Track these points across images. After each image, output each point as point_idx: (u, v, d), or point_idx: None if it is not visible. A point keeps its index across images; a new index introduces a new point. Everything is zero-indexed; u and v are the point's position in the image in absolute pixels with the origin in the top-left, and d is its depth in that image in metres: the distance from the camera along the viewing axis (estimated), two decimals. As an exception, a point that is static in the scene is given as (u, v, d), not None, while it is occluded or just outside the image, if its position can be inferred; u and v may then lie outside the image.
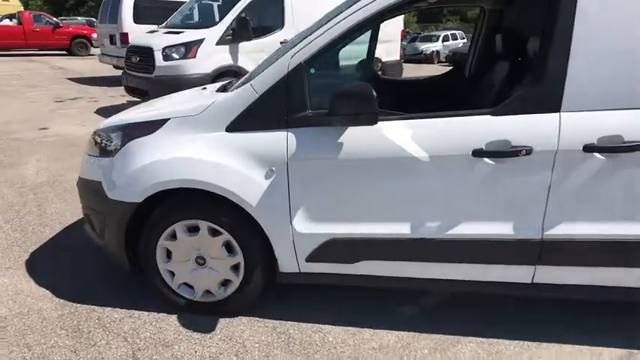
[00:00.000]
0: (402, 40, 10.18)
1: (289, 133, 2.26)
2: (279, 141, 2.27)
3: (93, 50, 18.77)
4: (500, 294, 2.42)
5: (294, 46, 2.30)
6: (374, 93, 2.05)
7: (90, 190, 2.64)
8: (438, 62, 23.74)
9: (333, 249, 2.37)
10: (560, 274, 2.29)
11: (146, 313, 2.64)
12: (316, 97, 2.25)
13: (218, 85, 3.14)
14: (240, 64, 7.34)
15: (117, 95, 9.93)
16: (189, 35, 7.45)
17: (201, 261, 2.51)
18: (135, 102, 7.54)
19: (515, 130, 2.10)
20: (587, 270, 2.26)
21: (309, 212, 2.33)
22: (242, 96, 2.32)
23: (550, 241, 2.20)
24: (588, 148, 2.06)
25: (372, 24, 2.53)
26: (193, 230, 2.47)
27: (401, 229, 2.29)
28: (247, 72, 2.96)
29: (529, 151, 2.08)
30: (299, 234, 2.35)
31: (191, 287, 2.60)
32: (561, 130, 2.07)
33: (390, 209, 2.29)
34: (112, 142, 2.56)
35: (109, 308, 2.68)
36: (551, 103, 2.08)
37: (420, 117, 2.22)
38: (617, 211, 2.14)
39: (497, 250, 2.26)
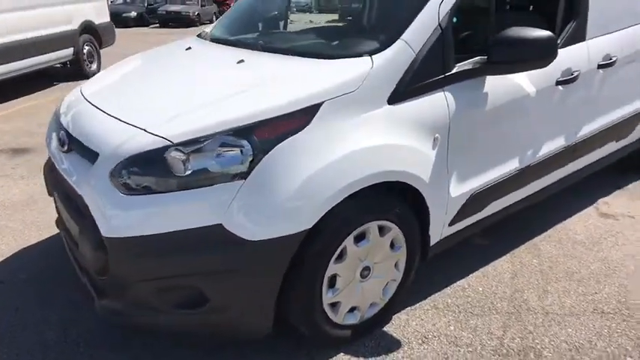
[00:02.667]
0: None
1: (446, 93, 2.05)
2: (440, 104, 2.04)
3: None
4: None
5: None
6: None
7: (194, 245, 1.64)
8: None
9: (471, 205, 2.35)
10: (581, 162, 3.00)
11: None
12: (463, 47, 2.09)
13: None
14: None
15: None
16: None
17: (366, 272, 2.01)
18: None
19: (571, 59, 2.58)
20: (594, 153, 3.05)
21: (458, 174, 2.22)
22: (399, 57, 1.92)
23: (580, 141, 2.86)
24: (600, 66, 2.75)
25: None
26: (360, 239, 1.93)
27: (513, 165, 2.48)
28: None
29: (578, 75, 2.61)
30: (452, 199, 2.22)
31: (352, 310, 2.05)
32: (586, 53, 2.68)
33: (508, 148, 2.44)
34: (238, 158, 1.64)
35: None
36: (582, 35, 2.64)
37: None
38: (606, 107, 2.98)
39: (561, 155, 2.77)
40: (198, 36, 2.94)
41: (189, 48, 2.56)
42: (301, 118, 1.72)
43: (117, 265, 1.69)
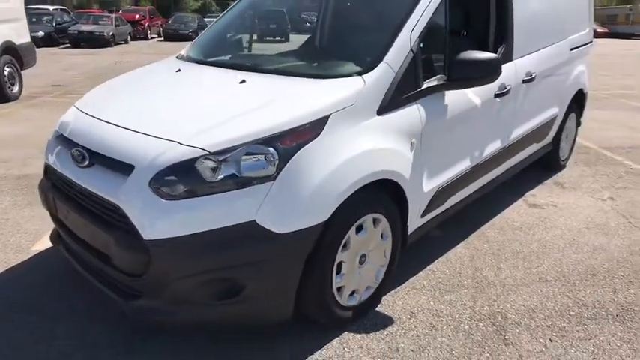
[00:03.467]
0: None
1: (418, 105, 2.47)
2: (414, 115, 2.45)
3: None
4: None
5: (404, 20, 2.42)
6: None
7: (229, 240, 1.88)
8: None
9: (437, 199, 2.77)
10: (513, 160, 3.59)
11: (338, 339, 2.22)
12: (428, 67, 2.52)
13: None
14: None
15: None
16: None
17: (363, 259, 2.35)
18: None
19: (504, 76, 3.12)
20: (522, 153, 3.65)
21: (428, 172, 2.64)
22: (383, 76, 2.30)
23: (513, 143, 3.42)
24: (524, 81, 3.35)
25: None
26: (359, 230, 2.27)
27: (467, 164, 2.96)
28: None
29: (509, 89, 3.17)
30: (424, 194, 2.64)
31: (352, 294, 2.36)
32: (514, 71, 3.25)
33: (463, 150, 2.93)
34: (265, 163, 1.91)
35: None
36: (510, 56, 3.21)
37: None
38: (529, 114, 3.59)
39: (500, 155, 3.31)
40: (178, 57, 3.15)
41: (179, 70, 2.78)
42: (315, 128, 2.04)
43: (160, 264, 1.88)
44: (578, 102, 4.58)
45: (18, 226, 3.45)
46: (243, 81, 2.40)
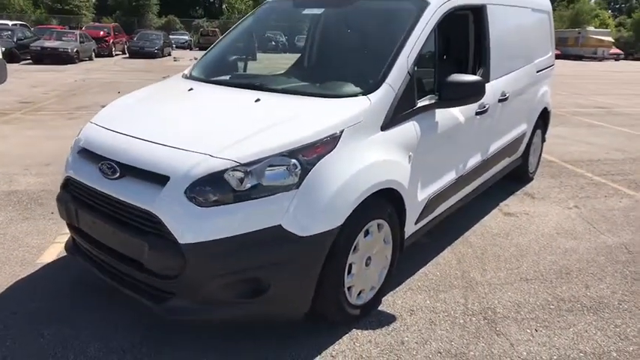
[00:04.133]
0: None
1: (414, 122, 2.74)
2: (411, 130, 2.72)
3: None
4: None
5: (401, 46, 2.70)
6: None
7: (258, 243, 2.08)
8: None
9: (428, 207, 3.04)
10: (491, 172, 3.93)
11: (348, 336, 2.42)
12: (421, 88, 2.81)
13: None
14: None
15: None
16: None
17: (368, 261, 2.57)
18: None
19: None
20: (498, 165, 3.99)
21: (422, 183, 2.92)
22: (386, 96, 2.57)
23: (490, 156, 3.76)
24: (499, 100, 3.70)
25: None
26: (366, 234, 2.50)
27: (453, 175, 3.25)
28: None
29: (488, 108, 3.50)
30: (418, 202, 2.90)
31: (359, 294, 2.58)
32: (491, 92, 3.60)
33: (450, 163, 3.23)
34: (288, 173, 2.12)
35: None
36: (488, 78, 3.55)
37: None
38: (503, 130, 3.95)
39: (480, 167, 3.63)
40: (184, 77, 3.33)
41: (192, 89, 2.96)
42: (332, 142, 2.27)
43: (194, 266, 2.05)
44: (543, 119, 5.02)
45: (18, 240, 3.50)
46: (258, 99, 2.61)
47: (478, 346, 2.45)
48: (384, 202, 2.57)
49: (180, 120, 2.58)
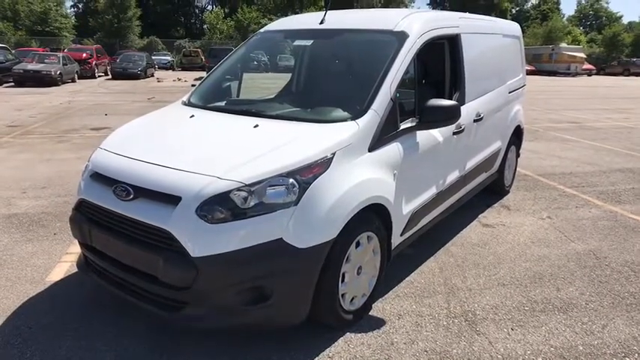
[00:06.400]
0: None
1: (397, 143, 3.03)
2: (395, 151, 3.01)
3: None
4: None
5: (384, 75, 3.00)
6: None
7: (261, 255, 2.32)
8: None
9: (412, 220, 3.32)
10: (469, 187, 4.23)
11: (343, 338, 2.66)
12: (402, 112, 3.10)
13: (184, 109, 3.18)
14: None
15: None
16: None
17: (359, 270, 2.83)
18: None
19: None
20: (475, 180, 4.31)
21: (406, 198, 3.20)
22: (372, 121, 2.85)
23: (467, 172, 4.07)
24: (475, 120, 4.03)
25: None
26: (357, 245, 2.75)
27: (433, 190, 3.55)
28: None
29: (464, 128, 3.82)
30: (403, 216, 3.18)
31: (352, 300, 2.82)
32: (467, 113, 3.92)
33: (430, 179, 3.52)
34: (287, 191, 2.37)
35: None
36: (463, 100, 3.88)
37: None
38: (479, 148, 4.27)
39: (458, 183, 3.93)
40: (183, 104, 3.59)
41: (193, 116, 3.21)
42: (326, 163, 2.54)
43: (206, 277, 2.28)
44: (517, 136, 5.39)
45: (25, 261, 3.67)
46: (257, 125, 2.88)
47: (460, 344, 2.72)
48: (373, 216, 2.84)
49: (185, 145, 2.83)
